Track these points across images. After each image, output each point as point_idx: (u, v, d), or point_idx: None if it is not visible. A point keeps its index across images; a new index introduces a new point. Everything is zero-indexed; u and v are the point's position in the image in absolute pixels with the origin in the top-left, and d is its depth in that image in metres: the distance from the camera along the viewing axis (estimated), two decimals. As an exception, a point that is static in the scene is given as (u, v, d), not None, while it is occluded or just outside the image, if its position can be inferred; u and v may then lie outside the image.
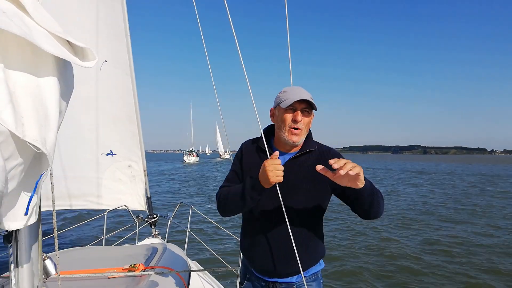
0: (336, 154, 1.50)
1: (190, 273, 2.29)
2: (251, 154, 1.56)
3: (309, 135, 1.54)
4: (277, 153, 1.31)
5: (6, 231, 0.88)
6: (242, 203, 1.38)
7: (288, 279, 1.51)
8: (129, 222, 4.41)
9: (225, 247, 6.92)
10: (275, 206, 1.45)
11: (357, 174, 1.15)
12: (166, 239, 3.96)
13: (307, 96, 1.40)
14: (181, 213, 8.03)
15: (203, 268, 3.12)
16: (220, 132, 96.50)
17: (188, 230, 3.97)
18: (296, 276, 1.51)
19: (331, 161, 1.15)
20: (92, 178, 3.93)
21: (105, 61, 3.56)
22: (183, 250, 2.74)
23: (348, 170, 1.12)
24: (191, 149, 74.58)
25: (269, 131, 1.59)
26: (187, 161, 62.32)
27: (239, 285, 1.69)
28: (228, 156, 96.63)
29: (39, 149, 0.62)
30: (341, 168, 1.13)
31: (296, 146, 1.49)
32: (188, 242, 3.90)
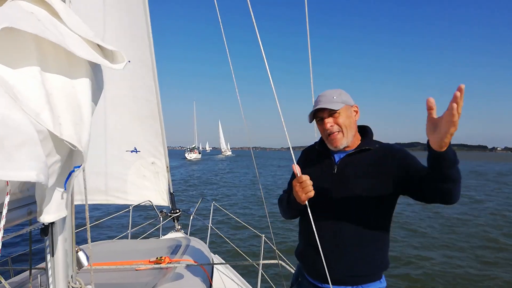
0: (400, 149, 1.42)
1: (213, 266, 2.34)
2: (310, 157, 1.56)
3: (368, 134, 1.49)
4: (296, 167, 1.30)
5: (43, 224, 0.94)
6: (291, 214, 1.55)
7: (341, 287, 1.38)
8: (153, 217, 4.52)
9: (246, 241, 6.99)
10: (328, 206, 1.40)
11: (452, 121, 0.96)
12: (188, 233, 4.04)
13: (324, 102, 1.38)
14: (202, 208, 8.15)
15: (225, 262, 3.17)
16: (222, 130, 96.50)
17: (210, 224, 4.03)
18: (351, 287, 1.39)
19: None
20: (118, 174, 4.04)
21: (129, 61, 3.64)
22: (206, 244, 2.80)
23: (453, 114, 0.93)
24: (193, 146, 71.78)
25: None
26: (188, 158, 59.64)
27: (291, 286, 1.66)
28: (230, 153, 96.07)
29: (75, 146, 0.66)
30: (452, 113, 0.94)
31: (348, 146, 1.44)
32: (209, 236, 3.96)
